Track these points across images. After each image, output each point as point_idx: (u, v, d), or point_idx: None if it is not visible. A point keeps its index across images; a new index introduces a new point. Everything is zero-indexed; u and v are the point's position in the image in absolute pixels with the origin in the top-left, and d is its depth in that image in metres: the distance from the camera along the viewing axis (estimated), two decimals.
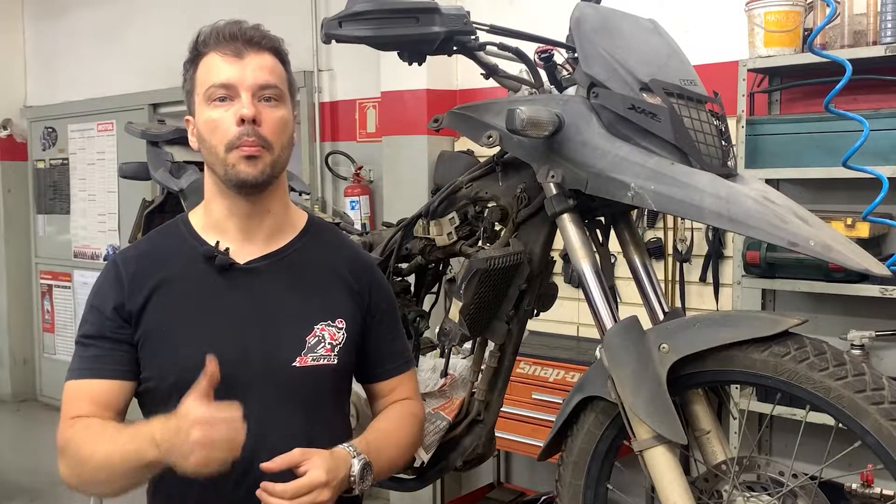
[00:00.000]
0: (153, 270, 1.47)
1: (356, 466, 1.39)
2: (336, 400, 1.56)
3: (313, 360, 1.47)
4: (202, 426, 1.21)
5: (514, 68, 1.79)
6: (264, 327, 1.45)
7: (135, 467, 1.30)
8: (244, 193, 1.46)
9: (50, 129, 5.92)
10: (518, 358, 1.89)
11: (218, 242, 1.48)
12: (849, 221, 2.55)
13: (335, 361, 1.49)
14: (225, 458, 1.24)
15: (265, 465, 1.34)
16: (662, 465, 1.45)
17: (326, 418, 1.52)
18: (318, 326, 1.49)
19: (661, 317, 1.66)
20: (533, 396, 3.10)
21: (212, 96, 1.43)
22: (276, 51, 1.48)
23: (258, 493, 1.32)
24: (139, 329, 1.44)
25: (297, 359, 1.46)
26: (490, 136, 1.63)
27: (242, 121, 1.40)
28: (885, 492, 2.11)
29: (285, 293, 1.49)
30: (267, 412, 1.43)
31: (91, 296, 1.49)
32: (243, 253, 1.49)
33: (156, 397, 1.45)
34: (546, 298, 1.86)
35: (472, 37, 1.62)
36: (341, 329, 1.51)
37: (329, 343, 1.49)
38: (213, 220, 1.51)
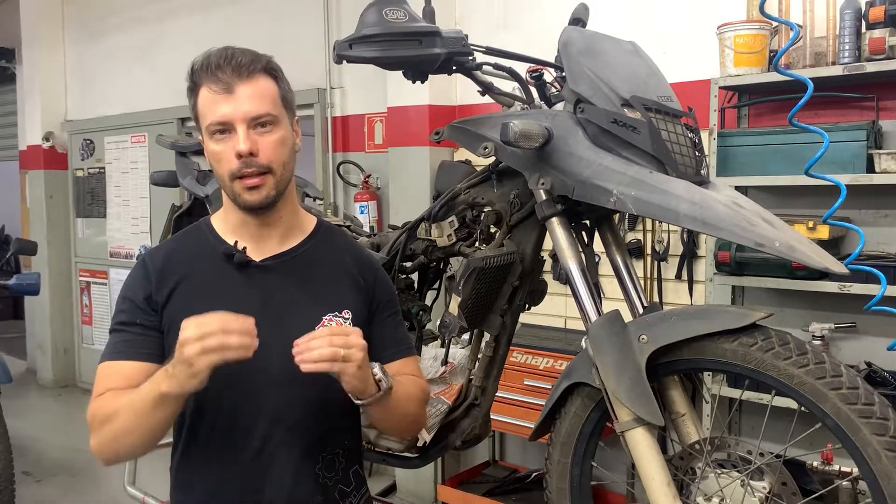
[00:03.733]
0: (178, 267, 1.47)
1: (376, 367, 1.37)
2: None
3: None
4: (191, 344, 1.21)
5: (508, 86, 1.79)
6: (277, 318, 1.44)
7: (153, 402, 1.28)
8: (253, 214, 1.46)
9: (88, 141, 5.92)
10: (511, 348, 1.89)
11: (236, 242, 1.47)
12: (810, 224, 2.55)
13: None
14: (238, 355, 1.23)
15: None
16: (642, 445, 1.44)
17: (337, 403, 1.51)
18: (326, 317, 1.48)
19: (641, 311, 1.65)
20: (525, 382, 3.10)
21: (212, 131, 1.41)
22: (266, 70, 1.42)
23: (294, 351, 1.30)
24: (164, 319, 1.44)
25: None
26: (486, 147, 1.63)
27: (241, 155, 1.38)
28: (843, 469, 2.11)
29: (296, 287, 1.49)
30: (280, 398, 1.42)
31: (123, 289, 1.49)
32: (258, 252, 1.49)
33: None
34: (537, 294, 1.85)
35: (470, 57, 1.62)
36: (347, 319, 1.49)
37: None
38: (231, 226, 1.50)
